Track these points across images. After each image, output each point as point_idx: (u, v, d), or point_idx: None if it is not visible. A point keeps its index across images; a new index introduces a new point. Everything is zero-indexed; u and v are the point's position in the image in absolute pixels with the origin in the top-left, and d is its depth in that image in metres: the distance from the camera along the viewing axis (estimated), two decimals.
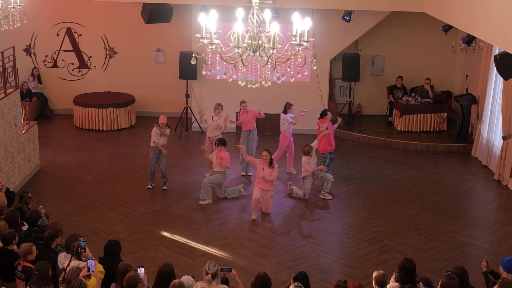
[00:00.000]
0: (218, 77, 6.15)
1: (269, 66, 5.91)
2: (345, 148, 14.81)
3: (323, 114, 12.46)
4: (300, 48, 5.69)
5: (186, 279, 6.65)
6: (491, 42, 10.09)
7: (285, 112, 12.84)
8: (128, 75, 16.86)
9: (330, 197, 11.85)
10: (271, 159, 10.98)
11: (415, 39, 16.42)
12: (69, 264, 6.91)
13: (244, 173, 13.00)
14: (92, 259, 6.61)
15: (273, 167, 10.96)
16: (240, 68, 5.93)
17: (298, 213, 11.37)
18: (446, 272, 6.67)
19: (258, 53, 5.89)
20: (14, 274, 7.17)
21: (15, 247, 7.49)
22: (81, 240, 6.99)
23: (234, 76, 6.14)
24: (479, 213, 11.55)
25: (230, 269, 6.90)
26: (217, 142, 11.72)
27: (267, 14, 5.78)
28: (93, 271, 6.50)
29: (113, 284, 6.68)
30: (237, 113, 13.97)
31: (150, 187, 12.23)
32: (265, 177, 10.91)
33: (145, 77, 16.85)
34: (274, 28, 5.67)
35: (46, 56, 16.89)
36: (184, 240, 10.24)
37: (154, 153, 11.96)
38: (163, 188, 12.21)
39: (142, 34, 16.52)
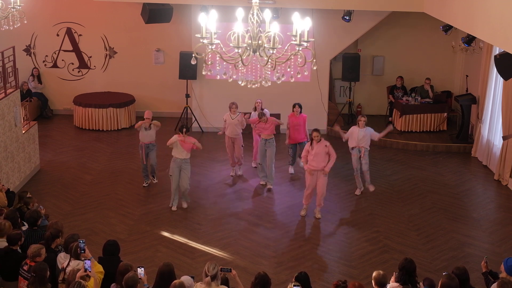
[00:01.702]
0: (218, 77, 6.14)
1: (269, 66, 5.91)
2: (345, 148, 14.77)
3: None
4: (300, 48, 5.69)
5: (185, 279, 6.64)
6: (491, 42, 10.09)
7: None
8: (128, 75, 16.86)
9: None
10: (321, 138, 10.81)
11: (415, 39, 16.42)
12: (68, 264, 6.91)
13: (263, 183, 12.53)
14: (90, 260, 6.59)
15: (325, 145, 10.79)
16: (240, 68, 5.92)
17: (298, 213, 11.37)
18: (444, 272, 6.66)
19: (258, 53, 5.89)
20: (16, 274, 7.16)
21: (19, 248, 7.50)
22: (81, 241, 6.97)
23: (234, 76, 6.13)
24: (479, 213, 11.55)
25: (230, 269, 6.89)
26: (182, 128, 10.98)
27: (267, 14, 5.77)
28: (90, 271, 6.48)
29: (113, 284, 6.68)
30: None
31: (146, 185, 12.32)
32: (319, 152, 10.72)
33: (145, 77, 16.85)
34: (274, 28, 5.67)
35: (46, 56, 16.89)
36: (184, 240, 10.24)
37: (143, 150, 12.05)
38: (154, 181, 12.37)
39: (142, 34, 16.53)
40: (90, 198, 11.80)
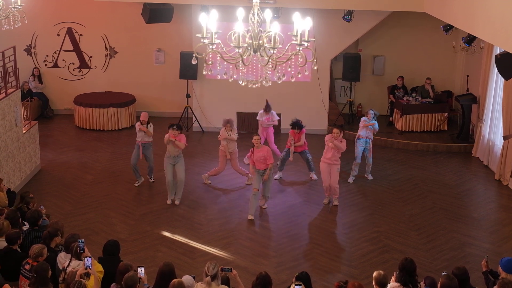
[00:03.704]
0: (219, 77, 6.14)
1: (270, 66, 5.91)
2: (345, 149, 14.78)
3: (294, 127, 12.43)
4: (301, 48, 5.69)
5: (186, 278, 6.65)
6: (491, 42, 10.09)
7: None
8: (129, 75, 16.87)
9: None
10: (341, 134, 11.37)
11: (416, 39, 16.42)
12: (69, 264, 6.90)
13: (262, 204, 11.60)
14: (90, 258, 6.59)
15: (341, 140, 11.34)
16: (240, 68, 5.92)
17: (298, 212, 11.37)
18: (443, 273, 6.66)
19: (258, 53, 5.89)
20: (16, 274, 7.17)
21: (18, 247, 7.51)
22: (80, 240, 6.97)
23: (234, 76, 6.14)
24: (480, 213, 11.55)
25: (231, 269, 6.90)
26: (174, 126, 11.13)
27: (268, 14, 5.77)
28: (90, 268, 6.48)
29: (113, 284, 6.68)
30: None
31: (137, 184, 12.40)
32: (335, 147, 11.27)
33: (146, 77, 16.85)
34: (274, 28, 5.67)
35: (47, 56, 16.90)
36: (185, 240, 10.24)
37: (136, 149, 12.14)
38: (151, 180, 12.47)
39: (142, 34, 16.53)
40: (90, 198, 11.80)
